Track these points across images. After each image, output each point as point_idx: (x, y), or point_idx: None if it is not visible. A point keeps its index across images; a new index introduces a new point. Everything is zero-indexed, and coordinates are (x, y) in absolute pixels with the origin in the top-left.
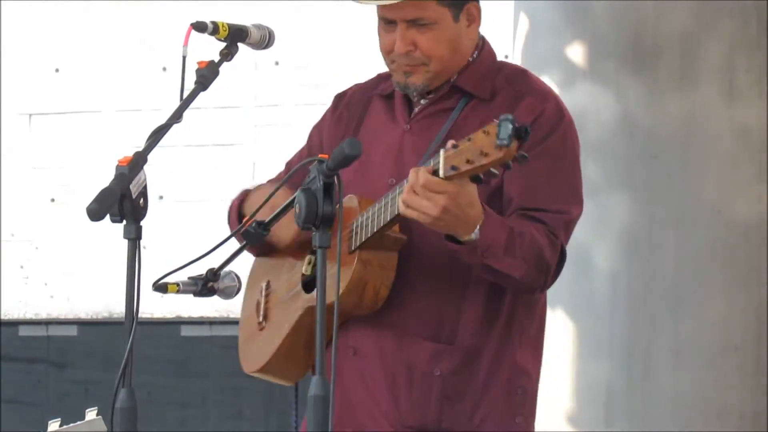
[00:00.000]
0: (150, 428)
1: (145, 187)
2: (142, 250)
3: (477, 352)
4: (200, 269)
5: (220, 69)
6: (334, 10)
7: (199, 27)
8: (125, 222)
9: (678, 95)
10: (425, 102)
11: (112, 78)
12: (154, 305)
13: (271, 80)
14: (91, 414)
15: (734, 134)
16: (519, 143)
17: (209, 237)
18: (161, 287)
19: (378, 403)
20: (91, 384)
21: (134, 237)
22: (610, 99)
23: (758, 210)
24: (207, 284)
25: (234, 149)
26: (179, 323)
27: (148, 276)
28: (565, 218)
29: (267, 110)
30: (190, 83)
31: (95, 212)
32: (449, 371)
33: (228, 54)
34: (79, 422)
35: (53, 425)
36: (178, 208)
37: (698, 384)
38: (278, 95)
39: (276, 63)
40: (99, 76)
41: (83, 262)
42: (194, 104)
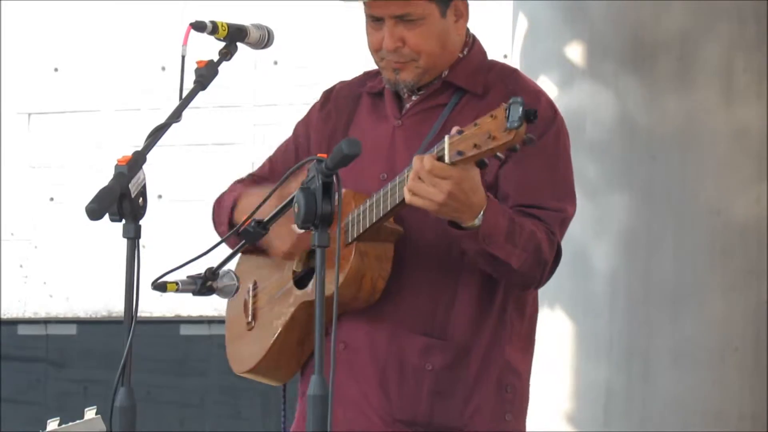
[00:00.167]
0: (149, 427)
1: (144, 187)
2: (141, 250)
3: (468, 349)
4: (199, 268)
5: (219, 68)
6: (334, 10)
7: (198, 26)
8: (124, 221)
9: (677, 95)
10: (417, 98)
11: (111, 77)
12: (153, 304)
13: (270, 80)
14: (90, 413)
15: (733, 135)
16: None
17: (208, 236)
18: (160, 286)
19: (368, 397)
20: (90, 383)
21: (133, 236)
22: (609, 99)
23: (757, 210)
24: (206, 283)
25: (233, 148)
26: (178, 322)
27: (147, 275)
28: (562, 216)
29: (266, 110)
30: (189, 83)
31: (94, 211)
32: (441, 366)
33: (227, 53)
34: (78, 421)
35: (52, 424)
36: (177, 208)
37: (697, 384)
38: (277, 95)
39: (275, 63)
40: (98, 76)
41: (82, 262)
42: (193, 104)
